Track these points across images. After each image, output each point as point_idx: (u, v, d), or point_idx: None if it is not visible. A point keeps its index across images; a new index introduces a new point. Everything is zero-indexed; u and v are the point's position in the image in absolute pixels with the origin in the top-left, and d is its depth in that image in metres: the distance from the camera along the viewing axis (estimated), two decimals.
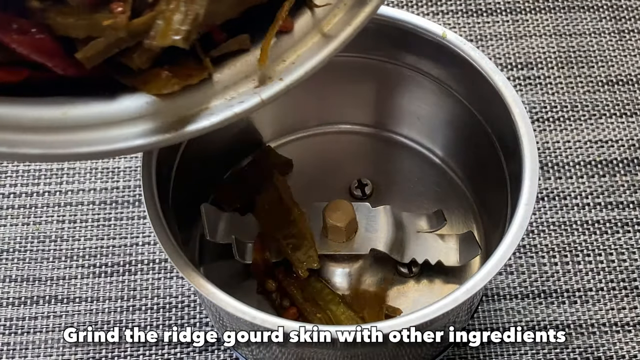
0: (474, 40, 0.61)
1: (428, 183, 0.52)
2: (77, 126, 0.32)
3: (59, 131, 0.32)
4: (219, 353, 0.49)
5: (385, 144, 0.53)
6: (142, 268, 0.52)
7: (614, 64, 0.60)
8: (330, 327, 0.36)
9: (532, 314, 0.50)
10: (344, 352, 0.40)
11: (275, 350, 0.42)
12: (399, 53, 0.46)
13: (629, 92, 0.58)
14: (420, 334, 0.40)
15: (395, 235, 0.47)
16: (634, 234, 0.53)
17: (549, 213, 0.54)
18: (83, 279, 0.52)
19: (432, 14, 0.62)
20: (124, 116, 0.33)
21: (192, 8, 0.31)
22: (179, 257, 0.38)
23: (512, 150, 0.42)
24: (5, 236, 0.54)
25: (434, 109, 0.49)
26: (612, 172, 0.55)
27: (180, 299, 0.51)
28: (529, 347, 0.49)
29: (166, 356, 0.49)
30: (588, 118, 0.57)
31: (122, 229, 0.54)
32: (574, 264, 0.52)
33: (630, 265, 0.52)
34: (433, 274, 0.48)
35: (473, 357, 0.49)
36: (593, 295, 0.51)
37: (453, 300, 0.36)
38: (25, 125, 0.31)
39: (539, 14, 0.62)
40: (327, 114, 0.53)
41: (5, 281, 0.52)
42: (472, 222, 0.50)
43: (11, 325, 0.51)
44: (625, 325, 0.50)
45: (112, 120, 0.32)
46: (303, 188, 0.50)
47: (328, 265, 0.47)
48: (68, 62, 0.32)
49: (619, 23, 0.61)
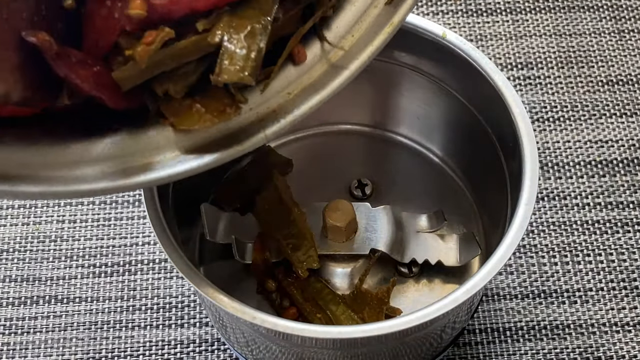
0: (474, 40, 0.61)
1: (428, 183, 0.52)
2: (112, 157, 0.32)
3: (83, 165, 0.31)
4: (219, 353, 0.50)
5: (385, 144, 0.53)
6: (142, 268, 0.53)
7: (614, 64, 0.60)
8: (330, 327, 0.36)
9: (532, 314, 0.50)
10: (344, 352, 0.40)
11: (275, 350, 0.42)
12: (399, 53, 0.46)
13: (629, 92, 0.58)
14: (421, 334, 0.40)
15: (395, 235, 0.47)
16: (634, 234, 0.53)
17: (549, 213, 0.54)
18: (83, 279, 0.52)
19: (432, 14, 0.62)
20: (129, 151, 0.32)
21: (254, 42, 0.30)
22: (179, 257, 0.38)
23: (512, 150, 0.42)
24: (5, 236, 0.54)
25: (434, 109, 0.49)
26: (612, 172, 0.55)
27: (180, 299, 0.51)
28: (529, 347, 0.49)
29: (166, 356, 0.49)
30: (588, 118, 0.57)
31: (122, 229, 0.54)
32: (574, 264, 0.52)
33: (630, 265, 0.52)
34: (433, 274, 0.48)
35: (473, 357, 0.49)
36: (593, 295, 0.51)
37: (453, 300, 0.36)
38: (48, 163, 0.31)
39: (539, 14, 0.62)
40: (327, 114, 0.53)
41: (5, 281, 0.52)
42: (472, 222, 0.50)
43: (11, 325, 0.51)
44: (625, 325, 0.50)
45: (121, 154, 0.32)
46: (303, 188, 0.50)
47: (328, 265, 0.47)
48: (121, 95, 0.31)
49: (619, 23, 0.61)
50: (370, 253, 0.46)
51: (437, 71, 0.46)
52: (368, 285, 0.47)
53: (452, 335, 0.46)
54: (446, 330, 0.44)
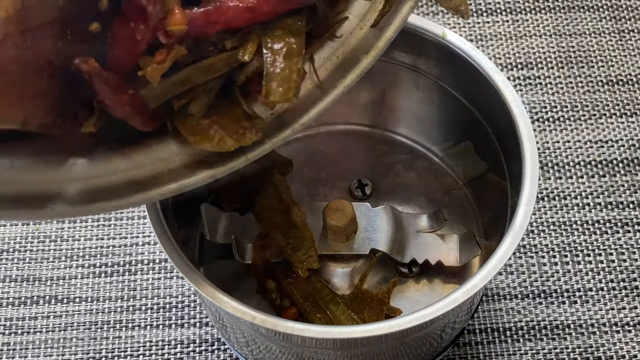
0: (474, 40, 0.61)
1: (428, 183, 0.52)
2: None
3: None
4: (219, 353, 0.50)
5: (385, 144, 0.53)
6: (142, 268, 0.53)
7: (614, 64, 0.60)
8: (330, 327, 0.36)
9: (532, 314, 0.50)
10: (344, 352, 0.40)
11: (275, 350, 0.42)
12: (399, 53, 0.46)
13: (629, 92, 0.58)
14: (421, 334, 0.40)
15: (395, 235, 0.47)
16: (634, 234, 0.53)
17: (549, 213, 0.54)
18: (83, 279, 0.52)
19: (432, 13, 0.62)
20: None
21: (294, 64, 0.31)
22: (179, 257, 0.38)
23: (512, 150, 0.42)
24: (5, 236, 0.54)
25: (434, 109, 0.49)
26: (612, 172, 0.55)
27: (180, 299, 0.51)
28: (529, 347, 0.49)
29: (166, 356, 0.49)
30: (588, 118, 0.57)
31: (122, 229, 0.54)
32: (574, 264, 0.52)
33: (631, 265, 0.52)
34: (433, 274, 0.48)
35: (473, 357, 0.49)
36: (593, 295, 0.51)
37: (453, 300, 0.36)
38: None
39: (539, 14, 0.62)
40: (327, 114, 0.53)
41: (5, 281, 0.52)
42: (472, 222, 0.50)
43: (11, 325, 0.51)
44: (625, 325, 0.50)
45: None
46: (303, 188, 0.50)
47: (328, 265, 0.47)
48: (149, 116, 0.31)
49: (619, 23, 0.61)
50: (371, 253, 0.46)
51: (437, 71, 0.46)
52: (368, 285, 0.47)
53: (452, 335, 0.46)
54: (446, 330, 0.44)
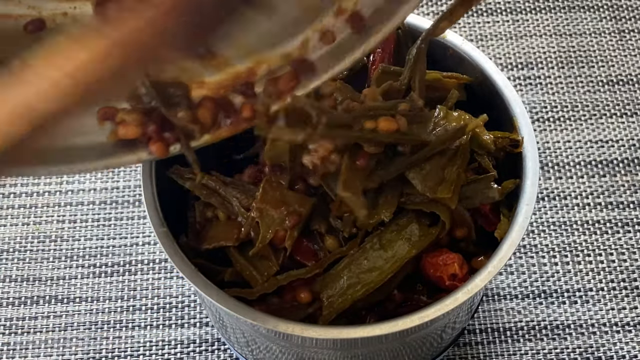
0: (474, 40, 0.61)
1: None
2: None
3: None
4: (219, 353, 0.49)
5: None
6: (142, 268, 0.52)
7: (614, 64, 0.60)
8: (330, 327, 0.36)
9: (532, 314, 0.50)
10: (344, 352, 0.40)
11: (275, 350, 0.42)
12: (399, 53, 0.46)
13: (629, 92, 0.58)
14: (421, 334, 0.40)
15: None
16: (634, 234, 0.53)
17: (549, 213, 0.54)
18: (83, 279, 0.52)
19: (432, 14, 0.62)
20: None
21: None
22: (179, 257, 0.38)
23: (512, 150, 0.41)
24: (5, 236, 0.54)
25: None
26: (612, 172, 0.55)
27: (180, 299, 0.51)
28: (529, 347, 0.49)
29: (166, 356, 0.49)
30: (588, 118, 0.57)
31: (122, 229, 0.54)
32: (574, 264, 0.52)
33: (631, 265, 0.52)
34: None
35: (473, 357, 0.49)
36: (593, 295, 0.51)
37: (453, 300, 0.36)
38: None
39: (539, 14, 0.62)
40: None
41: (5, 281, 0.52)
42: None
43: (11, 325, 0.51)
44: (626, 325, 0.50)
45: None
46: None
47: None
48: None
49: (619, 23, 0.61)
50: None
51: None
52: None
53: (453, 335, 0.46)
54: (446, 331, 0.44)
